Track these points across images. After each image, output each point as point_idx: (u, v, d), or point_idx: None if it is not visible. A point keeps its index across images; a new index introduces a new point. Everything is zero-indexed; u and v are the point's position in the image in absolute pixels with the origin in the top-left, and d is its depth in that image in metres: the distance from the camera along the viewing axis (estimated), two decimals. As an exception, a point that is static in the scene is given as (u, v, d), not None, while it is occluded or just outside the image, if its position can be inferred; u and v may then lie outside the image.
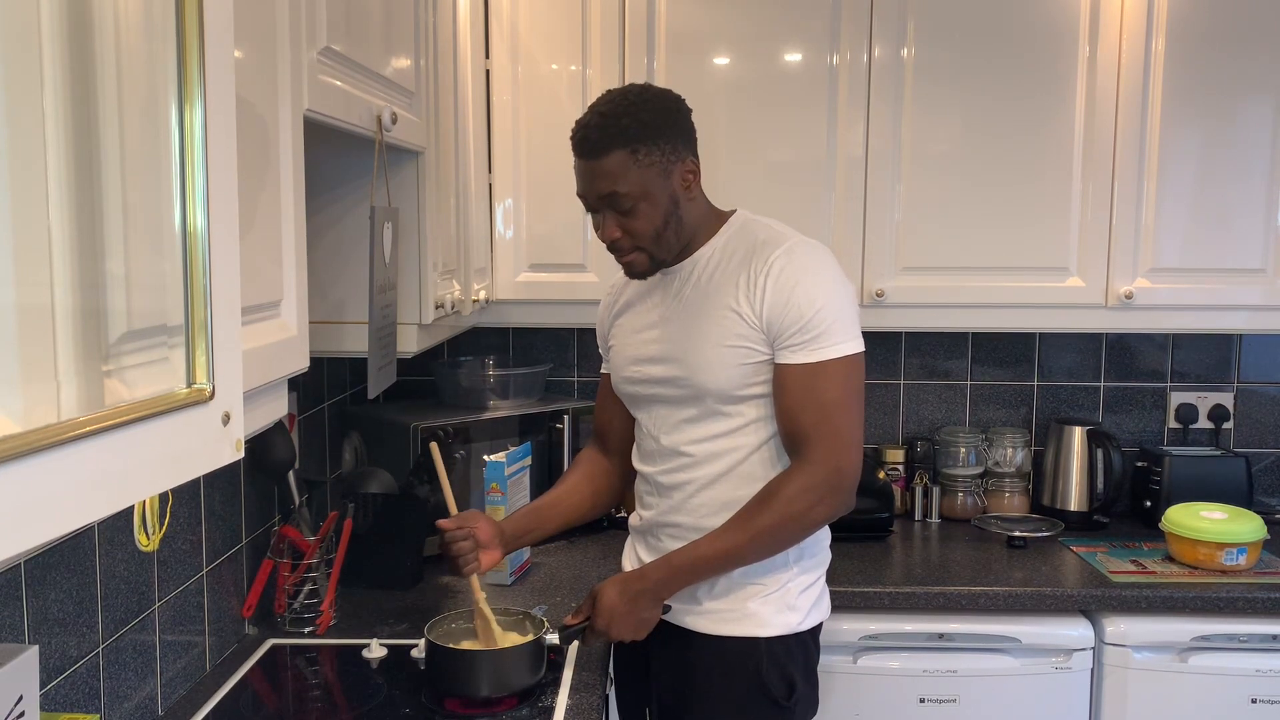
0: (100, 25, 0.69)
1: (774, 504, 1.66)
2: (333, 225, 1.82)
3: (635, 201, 1.66)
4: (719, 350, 1.68)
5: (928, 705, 2.23)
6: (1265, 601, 2.20)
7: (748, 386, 1.69)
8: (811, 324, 1.64)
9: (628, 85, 1.75)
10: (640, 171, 1.65)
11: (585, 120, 1.68)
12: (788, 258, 1.67)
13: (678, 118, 1.71)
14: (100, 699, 1.48)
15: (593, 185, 1.68)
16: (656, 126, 1.66)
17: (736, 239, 1.74)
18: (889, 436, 2.89)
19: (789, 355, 1.66)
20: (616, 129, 1.64)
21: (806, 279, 1.65)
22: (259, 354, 1.13)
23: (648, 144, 1.65)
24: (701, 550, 1.69)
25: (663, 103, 1.70)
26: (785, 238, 1.70)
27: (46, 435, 0.60)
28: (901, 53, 2.43)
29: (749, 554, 1.68)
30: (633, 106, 1.66)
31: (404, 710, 1.69)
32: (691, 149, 1.73)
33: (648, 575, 1.72)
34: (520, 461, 2.30)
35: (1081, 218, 2.46)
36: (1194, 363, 2.86)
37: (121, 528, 1.51)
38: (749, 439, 1.71)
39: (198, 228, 0.76)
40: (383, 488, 2.25)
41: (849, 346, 1.66)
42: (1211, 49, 2.41)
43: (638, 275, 1.77)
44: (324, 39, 1.37)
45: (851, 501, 1.70)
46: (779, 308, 1.65)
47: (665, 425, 1.77)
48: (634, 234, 1.69)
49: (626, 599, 1.71)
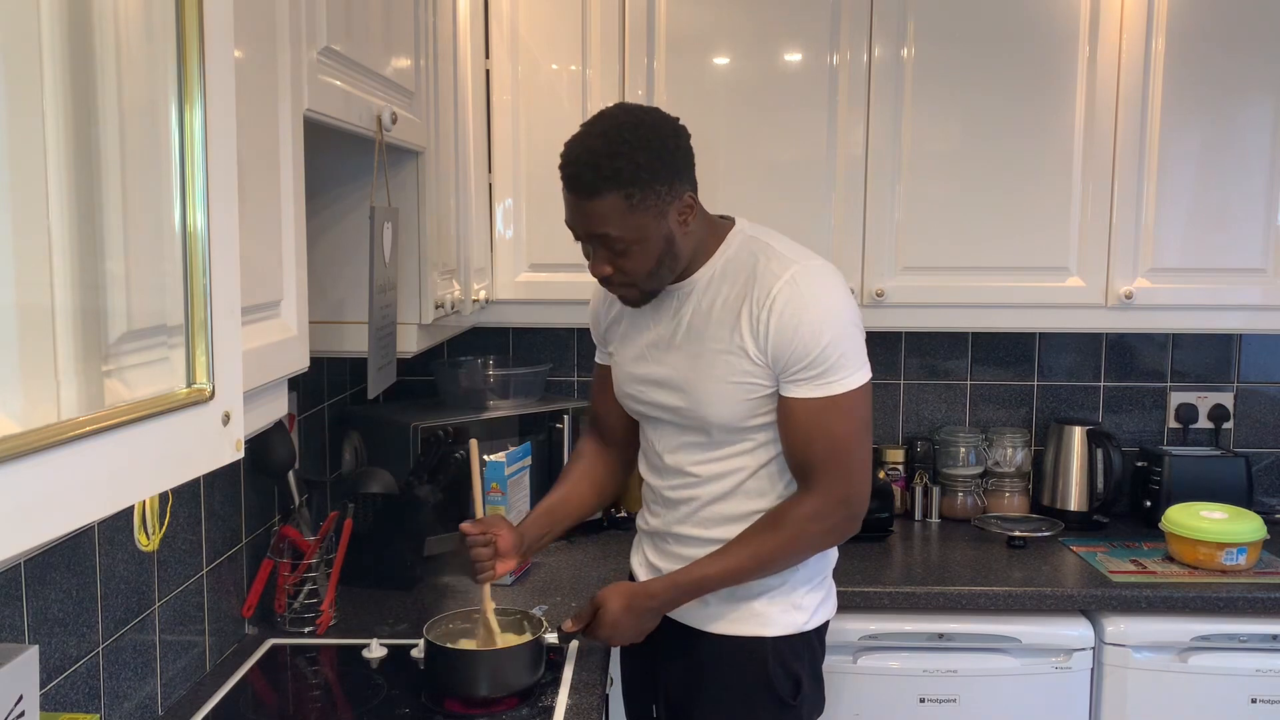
0: (100, 25, 0.69)
1: (781, 529, 1.66)
2: (333, 225, 1.82)
3: (628, 244, 1.59)
4: (723, 386, 1.65)
5: (928, 705, 2.23)
6: (1265, 601, 2.20)
7: (754, 418, 1.67)
8: (819, 359, 1.60)
9: (623, 111, 1.63)
10: (634, 216, 1.57)
11: (576, 154, 1.57)
12: (791, 289, 1.60)
13: (675, 154, 1.60)
14: (100, 699, 1.48)
15: (583, 222, 1.60)
16: (653, 169, 1.56)
17: (737, 259, 1.68)
18: (889, 436, 2.89)
19: (795, 389, 1.62)
20: (610, 171, 1.54)
21: (810, 312, 1.59)
22: (259, 354, 1.13)
23: (643, 188, 1.55)
24: (707, 570, 1.69)
25: (659, 138, 1.58)
26: (787, 263, 1.63)
27: (46, 435, 0.60)
28: (901, 53, 2.43)
29: (753, 574, 1.69)
30: (627, 145, 1.54)
31: (404, 710, 1.69)
32: (689, 181, 1.64)
33: (654, 594, 1.72)
34: (520, 461, 2.30)
35: (1081, 218, 2.46)
36: (1194, 363, 2.86)
37: (121, 528, 1.51)
38: (754, 460, 1.70)
39: (198, 228, 0.76)
40: (383, 488, 2.25)
41: (856, 379, 1.63)
42: (1211, 49, 2.41)
43: (632, 304, 1.73)
44: (324, 39, 1.37)
45: (858, 527, 1.70)
46: (784, 344, 1.60)
47: (669, 445, 1.76)
48: (625, 272, 1.63)
49: (632, 615, 1.71)
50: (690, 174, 1.65)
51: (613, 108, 1.66)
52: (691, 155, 1.65)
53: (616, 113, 1.63)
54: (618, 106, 1.67)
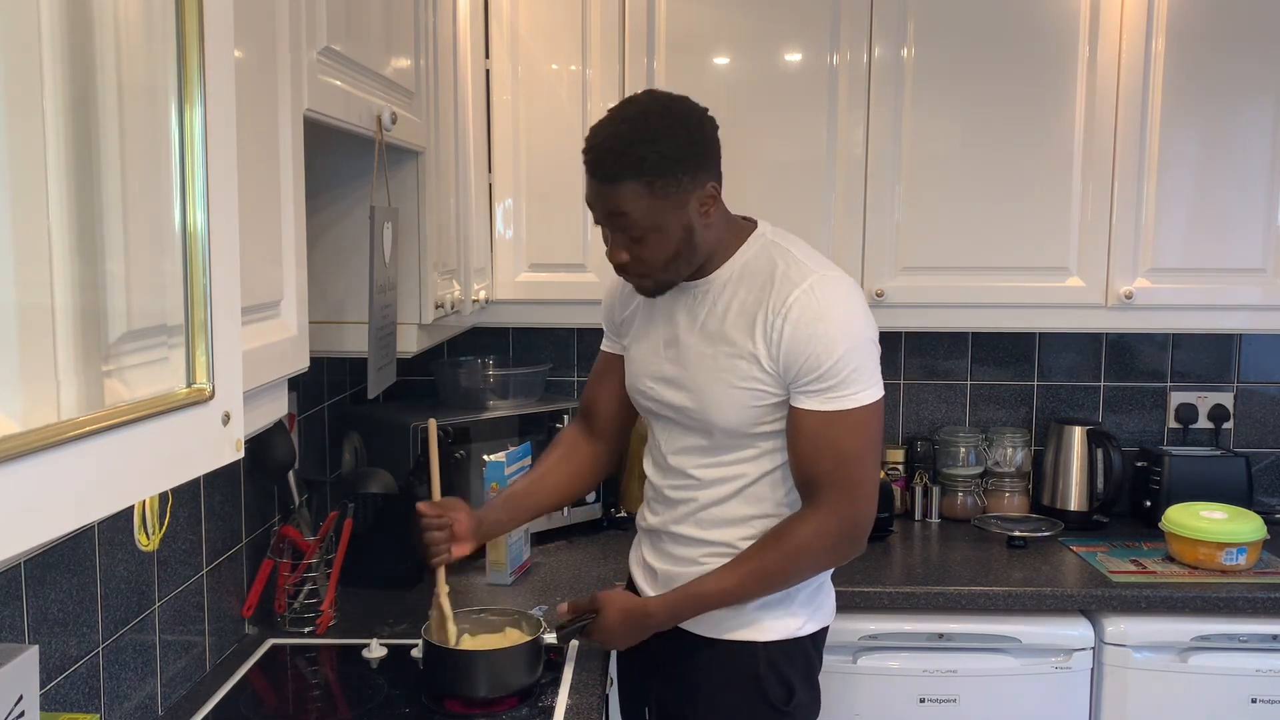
0: (100, 25, 0.68)
1: (783, 548, 1.65)
2: (333, 225, 1.82)
3: (645, 231, 1.58)
4: (732, 391, 1.64)
5: (928, 705, 2.23)
6: (1265, 601, 2.20)
7: (760, 425, 1.66)
8: (830, 372, 1.58)
9: (651, 98, 1.62)
10: (654, 203, 1.55)
11: (600, 140, 1.56)
12: (807, 299, 1.59)
13: (701, 144, 1.59)
14: (100, 699, 1.48)
15: (602, 204, 1.59)
16: (676, 159, 1.54)
17: (756, 262, 1.66)
18: (889, 436, 2.88)
19: (805, 400, 1.61)
20: (633, 159, 1.53)
21: (824, 324, 1.57)
22: (259, 354, 1.13)
23: (665, 176, 1.54)
24: (706, 588, 1.68)
25: (685, 127, 1.57)
26: (806, 273, 1.62)
27: (46, 435, 0.60)
28: (901, 53, 2.43)
29: (754, 594, 1.68)
30: (652, 133, 1.53)
31: (404, 710, 1.69)
32: (714, 172, 1.62)
33: (652, 612, 1.72)
34: (520, 461, 2.30)
35: (1081, 218, 2.46)
36: (1194, 363, 2.86)
37: (121, 528, 1.51)
38: (758, 467, 1.69)
39: (198, 228, 0.76)
40: (383, 488, 2.25)
41: (868, 395, 1.61)
42: (1211, 49, 2.41)
43: (647, 294, 1.71)
44: (324, 39, 1.37)
45: (862, 548, 1.69)
46: (796, 354, 1.58)
47: (673, 445, 1.75)
48: (642, 260, 1.62)
49: (627, 628, 1.72)
50: (715, 165, 1.63)
51: (642, 94, 1.64)
52: (717, 146, 1.64)
53: (645, 99, 1.62)
54: (646, 93, 1.65)
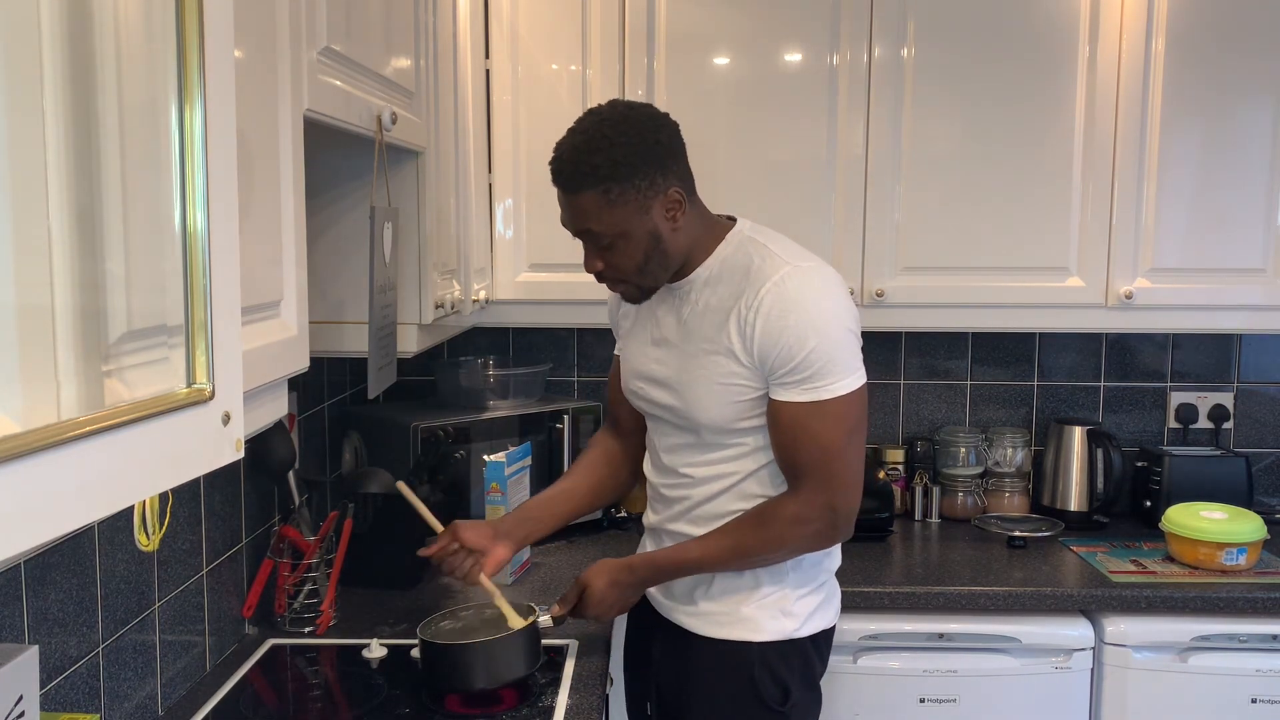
0: (100, 25, 0.68)
1: (764, 528, 1.66)
2: (333, 225, 1.82)
3: (612, 239, 1.60)
4: (713, 388, 1.65)
5: (928, 705, 2.23)
6: (1265, 601, 2.20)
7: (744, 420, 1.67)
8: (804, 364, 1.58)
9: (610, 108, 1.62)
10: (614, 210, 1.57)
11: (561, 152, 1.59)
12: (778, 291, 1.59)
13: (657, 148, 1.58)
14: (100, 699, 1.48)
15: (570, 218, 1.63)
16: (630, 164, 1.55)
17: (734, 259, 1.66)
18: (889, 436, 2.89)
19: (782, 392, 1.61)
20: (588, 167, 1.55)
21: (795, 316, 1.57)
22: (259, 354, 1.13)
23: (621, 183, 1.55)
24: (688, 554, 1.71)
25: (640, 133, 1.57)
26: (778, 265, 1.61)
27: (46, 435, 0.60)
28: (901, 53, 2.43)
29: (732, 565, 1.70)
30: (606, 140, 1.55)
31: (404, 710, 1.69)
32: (676, 177, 1.61)
33: (634, 568, 1.76)
34: (520, 461, 2.30)
35: (1081, 218, 2.46)
36: (1194, 363, 2.86)
37: (121, 528, 1.51)
38: (747, 464, 1.70)
39: (198, 228, 0.76)
40: (383, 488, 2.25)
41: (846, 384, 1.60)
42: (1211, 49, 2.41)
43: (631, 301, 1.73)
44: (324, 39, 1.37)
45: (848, 534, 1.70)
46: (769, 347, 1.59)
47: (666, 444, 1.78)
48: (614, 267, 1.64)
49: (616, 590, 1.76)
50: (676, 169, 1.62)
51: (604, 104, 1.65)
52: (679, 150, 1.64)
53: (605, 109, 1.63)
54: (608, 103, 1.65)
